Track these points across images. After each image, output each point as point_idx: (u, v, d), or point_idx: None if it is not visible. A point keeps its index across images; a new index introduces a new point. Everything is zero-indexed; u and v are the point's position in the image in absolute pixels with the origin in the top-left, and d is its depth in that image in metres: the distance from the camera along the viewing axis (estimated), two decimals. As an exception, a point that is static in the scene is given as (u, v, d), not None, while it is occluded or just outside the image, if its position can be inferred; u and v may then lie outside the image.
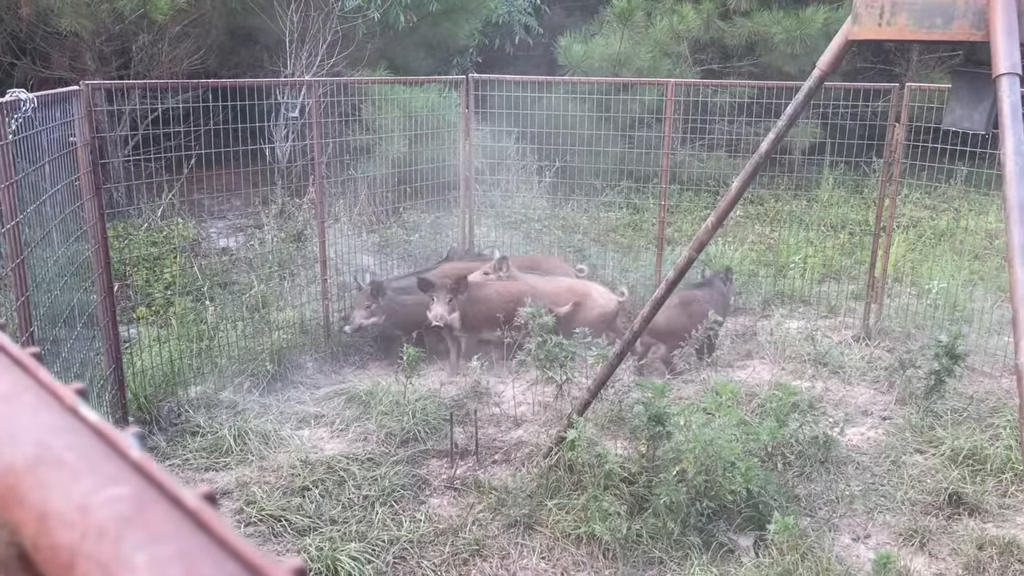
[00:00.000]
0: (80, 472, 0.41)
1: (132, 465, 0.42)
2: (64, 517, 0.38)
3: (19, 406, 0.47)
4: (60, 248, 5.25)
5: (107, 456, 0.43)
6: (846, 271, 9.25)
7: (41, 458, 0.42)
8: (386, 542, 4.50)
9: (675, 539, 4.50)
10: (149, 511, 0.37)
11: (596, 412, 5.71)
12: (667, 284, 4.71)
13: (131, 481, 0.40)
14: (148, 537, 0.35)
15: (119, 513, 0.37)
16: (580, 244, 9.11)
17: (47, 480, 0.41)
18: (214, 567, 0.33)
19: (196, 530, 0.36)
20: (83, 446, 0.43)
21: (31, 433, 0.45)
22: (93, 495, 0.39)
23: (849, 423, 5.70)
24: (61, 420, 0.46)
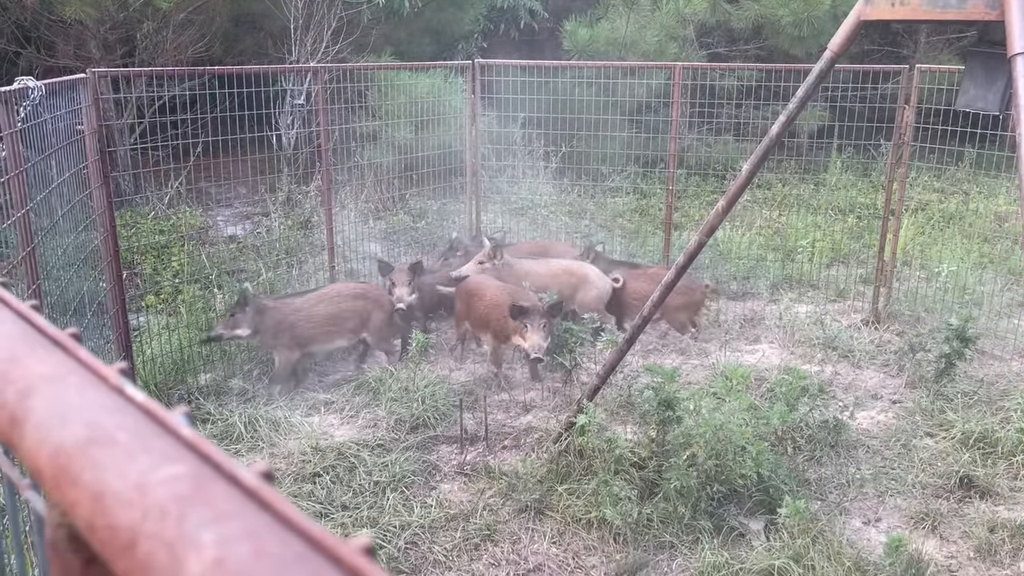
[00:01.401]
0: (134, 451, 0.40)
1: (185, 444, 0.41)
2: (121, 496, 0.37)
3: (65, 387, 0.47)
4: (69, 237, 5.25)
5: (158, 435, 0.42)
6: (854, 255, 9.22)
7: (93, 438, 0.42)
8: (398, 527, 4.52)
9: (686, 523, 4.51)
10: (208, 489, 0.37)
11: (605, 397, 5.71)
12: (676, 269, 4.69)
13: (186, 460, 0.39)
14: (211, 515, 0.35)
15: (178, 492, 0.37)
16: (587, 230, 9.08)
17: (100, 460, 0.40)
18: (281, 545, 0.32)
19: (258, 508, 0.35)
20: (134, 425, 0.43)
21: (80, 413, 0.44)
22: (150, 474, 0.38)
23: (859, 407, 5.69)
24: (109, 400, 0.45)
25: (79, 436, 0.42)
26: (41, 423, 0.45)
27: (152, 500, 0.36)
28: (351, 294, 6.44)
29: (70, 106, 5.17)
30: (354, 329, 6.41)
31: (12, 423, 0.46)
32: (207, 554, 0.32)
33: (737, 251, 8.89)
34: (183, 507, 0.35)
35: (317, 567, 0.31)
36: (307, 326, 6.17)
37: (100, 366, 0.49)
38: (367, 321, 6.42)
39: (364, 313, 6.40)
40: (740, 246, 9.03)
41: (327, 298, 6.35)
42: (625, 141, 9.81)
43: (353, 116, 8.72)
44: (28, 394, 0.47)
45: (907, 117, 7.15)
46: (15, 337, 0.52)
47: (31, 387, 0.47)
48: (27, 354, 0.50)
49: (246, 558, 0.32)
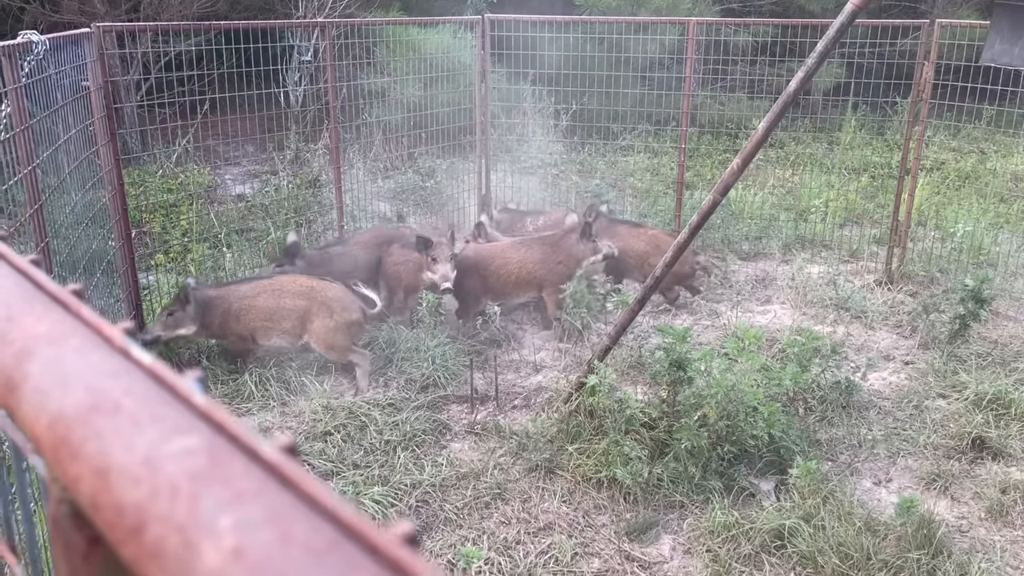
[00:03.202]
0: (141, 420, 0.36)
1: (198, 412, 0.37)
2: (128, 472, 0.33)
3: (65, 348, 0.43)
4: (77, 195, 5.21)
5: (168, 402, 0.38)
6: (868, 215, 9.11)
7: (95, 405, 0.38)
8: (408, 486, 4.53)
9: (696, 483, 4.51)
10: (225, 465, 0.33)
11: (615, 358, 5.69)
12: (690, 228, 4.63)
13: (200, 430, 0.35)
14: (229, 496, 0.31)
15: (192, 467, 0.33)
16: (598, 189, 8.98)
17: (104, 430, 0.36)
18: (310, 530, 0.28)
19: (281, 487, 0.31)
20: (141, 391, 0.39)
21: (82, 378, 0.40)
22: (160, 446, 0.34)
23: (871, 368, 5.66)
24: (113, 363, 0.41)
25: (80, 403, 0.38)
26: (39, 388, 0.41)
27: (162, 477, 0.32)
28: (294, 291, 5.66)
29: (75, 62, 5.10)
30: (291, 331, 5.64)
31: (9, 388, 0.42)
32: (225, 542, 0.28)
33: (749, 211, 8.80)
34: (197, 485, 0.31)
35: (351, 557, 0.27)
36: (247, 317, 5.60)
37: (104, 325, 0.45)
38: (306, 324, 5.61)
39: (303, 315, 5.60)
40: (752, 206, 8.94)
41: (269, 290, 5.68)
42: (636, 99, 9.66)
43: (361, 73, 8.60)
44: (25, 356, 0.43)
45: (926, 74, 7.00)
46: (13, 294, 0.48)
47: (29, 348, 0.43)
48: (25, 312, 0.46)
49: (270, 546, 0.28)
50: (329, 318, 5.56)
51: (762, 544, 4.11)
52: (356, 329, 5.69)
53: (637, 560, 4.11)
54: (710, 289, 7.32)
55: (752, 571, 4.00)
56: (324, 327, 5.56)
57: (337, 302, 5.62)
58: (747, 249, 8.22)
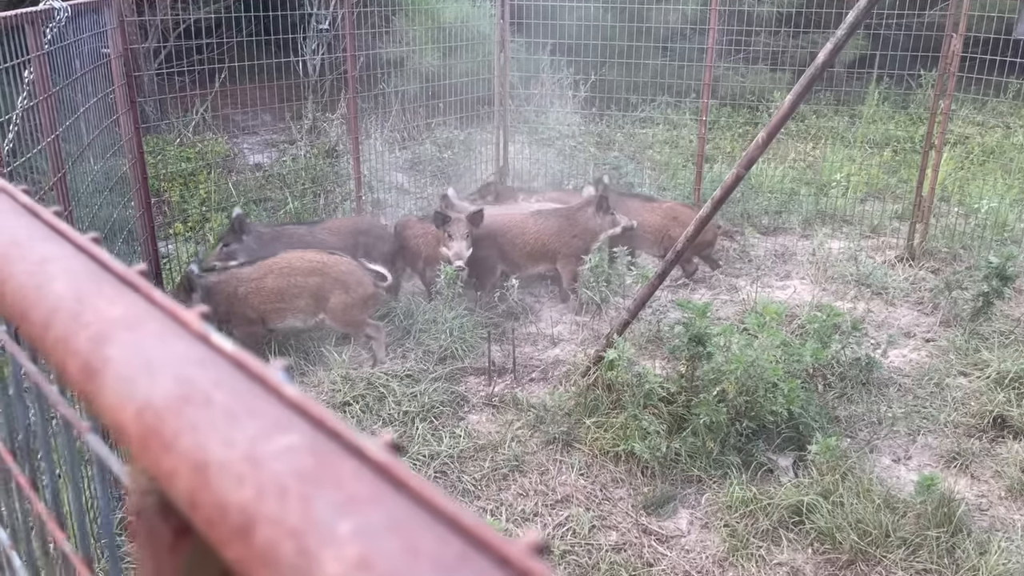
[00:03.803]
0: (236, 414, 0.35)
1: (292, 406, 0.35)
2: (229, 469, 0.32)
3: (144, 334, 0.41)
4: (97, 163, 5.21)
5: (259, 394, 0.36)
6: (890, 190, 8.99)
7: (187, 396, 0.36)
8: (427, 457, 4.56)
9: (714, 458, 4.51)
10: (333, 465, 0.31)
11: (634, 332, 5.67)
12: (713, 202, 4.58)
13: (298, 426, 0.34)
14: (343, 499, 0.29)
15: (299, 467, 0.31)
16: (616, 161, 8.91)
17: (199, 422, 0.35)
18: (437, 541, 0.27)
19: (395, 491, 0.30)
20: (229, 382, 0.37)
21: (167, 366, 0.38)
22: (261, 443, 0.33)
23: (892, 345, 5.62)
24: (195, 350, 0.40)
25: (170, 393, 0.37)
26: (122, 375, 0.39)
27: (267, 475, 0.31)
28: (305, 268, 5.45)
29: (95, 29, 5.07)
30: (305, 309, 5.47)
31: (87, 374, 0.41)
32: (348, 551, 0.27)
33: (769, 185, 8.71)
34: (307, 486, 0.30)
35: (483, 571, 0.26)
36: (257, 300, 5.38)
37: (178, 309, 0.43)
38: (321, 302, 5.46)
39: (317, 292, 5.43)
40: (772, 179, 8.84)
41: (276, 269, 5.44)
42: (657, 70, 9.53)
43: (379, 42, 8.53)
44: (103, 341, 0.41)
45: (954, 46, 6.86)
46: (79, 274, 0.46)
47: (105, 333, 0.42)
48: (95, 294, 0.45)
49: (397, 557, 0.26)
50: (345, 294, 5.42)
51: (780, 520, 4.12)
52: (372, 302, 5.59)
53: (654, 533, 4.12)
54: (729, 263, 7.28)
55: (769, 546, 4.01)
56: (341, 304, 5.42)
57: (351, 276, 5.48)
58: (767, 223, 8.15)
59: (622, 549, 3.99)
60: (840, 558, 3.93)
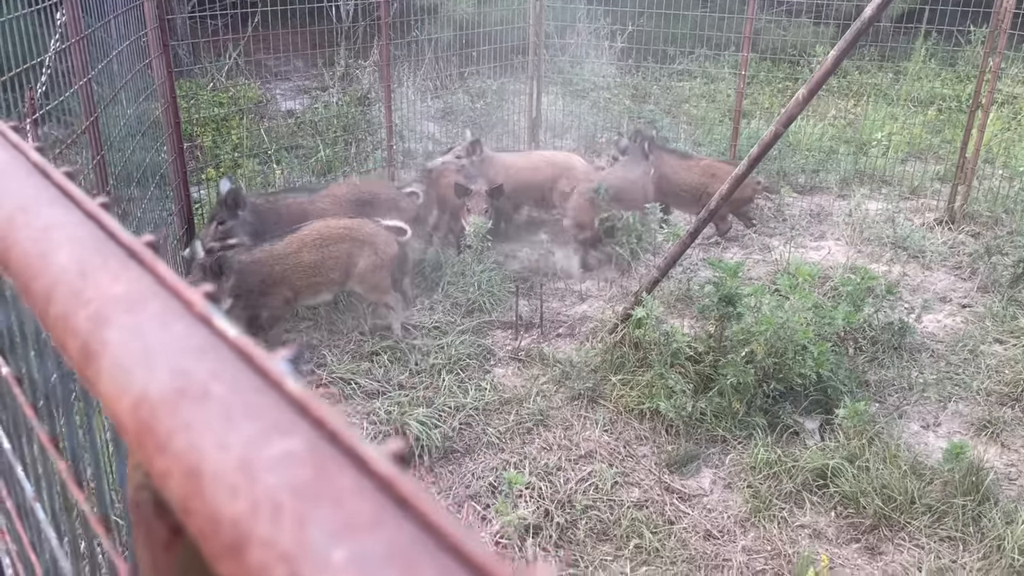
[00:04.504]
0: (234, 412, 0.33)
1: (293, 403, 0.33)
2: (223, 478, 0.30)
3: (144, 315, 0.39)
4: (130, 107, 5.22)
5: (259, 389, 0.34)
6: (932, 150, 8.75)
7: (183, 389, 0.34)
8: (452, 408, 4.59)
9: (740, 419, 4.49)
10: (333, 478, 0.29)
11: (664, 290, 5.62)
12: (750, 160, 4.48)
13: (299, 428, 0.32)
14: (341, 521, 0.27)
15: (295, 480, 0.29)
16: (651, 115, 8.75)
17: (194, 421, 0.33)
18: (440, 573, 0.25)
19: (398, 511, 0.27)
20: (229, 374, 0.35)
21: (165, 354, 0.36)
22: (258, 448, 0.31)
23: (927, 310, 5.51)
24: (196, 335, 0.38)
25: (166, 386, 0.35)
26: (119, 363, 0.37)
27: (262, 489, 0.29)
28: (335, 236, 5.16)
29: (127, -30, 5.03)
30: (338, 280, 5.21)
31: (86, 357, 0.39)
32: None
33: (807, 142, 8.51)
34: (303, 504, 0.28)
35: (488, 614, 0.24)
36: (295, 276, 5.06)
37: (183, 287, 0.41)
38: (350, 268, 5.18)
39: (347, 259, 5.17)
40: (811, 137, 8.64)
41: (309, 242, 5.11)
42: (696, 21, 9.29)
43: (413, -13, 8.39)
44: (103, 322, 0.40)
45: (1007, 1, 6.59)
46: (85, 244, 0.44)
47: (105, 314, 0.40)
48: (99, 267, 0.43)
49: None
50: (375, 255, 5.19)
51: (804, 483, 4.10)
52: (400, 262, 5.41)
53: (677, 492, 4.13)
54: (763, 223, 7.16)
55: (792, 508, 4.01)
56: (370, 266, 5.18)
57: (378, 237, 5.24)
58: (803, 182, 7.99)
59: (644, 506, 4.01)
60: (863, 522, 3.92)
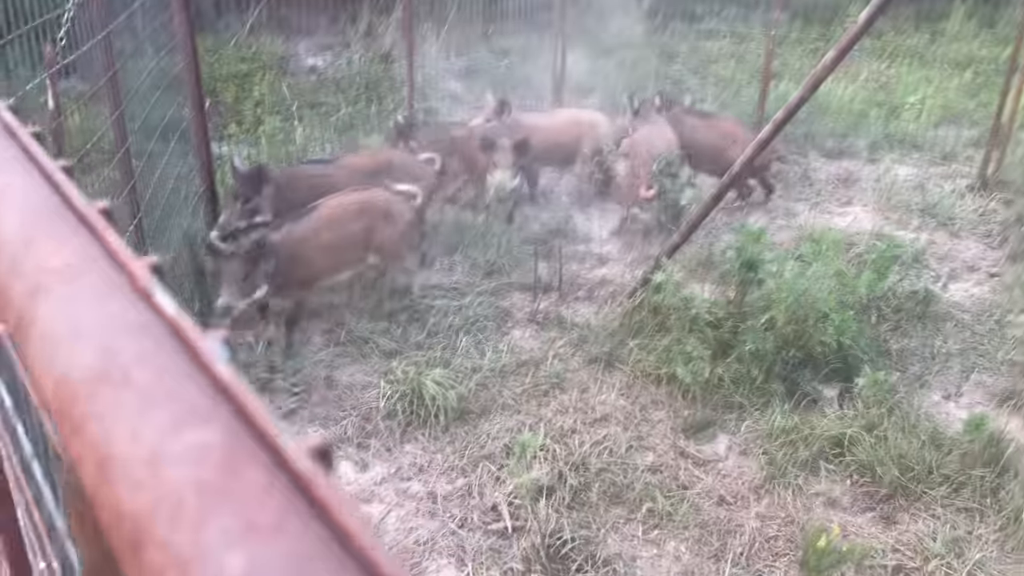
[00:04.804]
0: (152, 397, 0.31)
1: (218, 388, 0.32)
2: (129, 469, 0.28)
3: (80, 288, 0.37)
4: (151, 61, 5.19)
5: (187, 373, 0.32)
6: (967, 115, 8.52)
7: (104, 372, 0.32)
8: (469, 369, 4.59)
9: (757, 385, 4.46)
10: (244, 474, 0.27)
11: (685, 254, 5.55)
12: (774, 124, 4.39)
13: (218, 417, 0.30)
14: (244, 524, 0.25)
15: (202, 475, 0.27)
16: (678, 75, 8.59)
17: (109, 406, 0.31)
18: None
19: (309, 512, 0.26)
20: (156, 355, 0.33)
21: (94, 331, 0.35)
22: (169, 439, 0.29)
23: (953, 278, 5.43)
24: (131, 311, 0.36)
25: (88, 367, 0.33)
26: (47, 339, 0.36)
27: (167, 483, 0.27)
28: (350, 214, 4.91)
29: (147, -78, 4.97)
30: (360, 258, 5.02)
31: (20, 329, 0.38)
32: None
33: (837, 105, 8.32)
34: (206, 502, 0.26)
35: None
36: (320, 257, 4.82)
37: (128, 258, 0.39)
38: (370, 243, 4.97)
39: (366, 234, 4.95)
40: (841, 100, 8.44)
41: (326, 222, 4.85)
42: (726, -22, 9.07)
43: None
44: (36, 294, 0.38)
45: (1053, -40, 6.35)
46: (37, 211, 0.43)
47: (41, 284, 0.38)
48: (46, 236, 0.41)
49: None
50: (394, 226, 5.01)
51: (820, 451, 4.08)
52: (414, 228, 5.23)
53: (691, 457, 4.13)
54: (789, 187, 7.04)
55: (807, 476, 3.99)
56: (391, 237, 5.01)
57: (393, 205, 5.04)
58: (831, 146, 7.82)
59: (658, 470, 4.01)
60: (879, 491, 3.90)
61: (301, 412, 4.32)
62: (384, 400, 4.30)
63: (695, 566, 3.50)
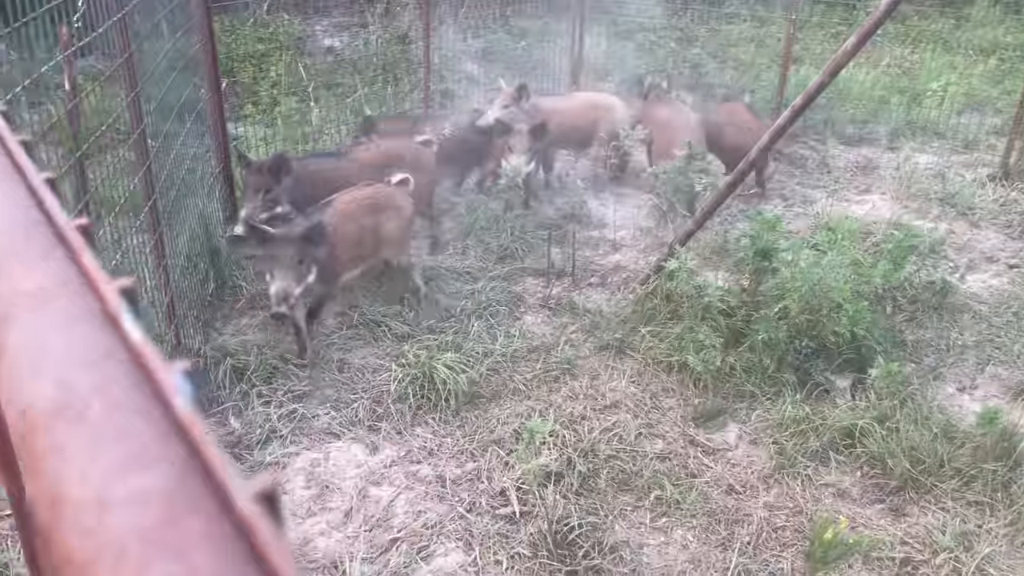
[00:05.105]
0: (104, 436, 0.31)
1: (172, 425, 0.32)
2: (79, 515, 0.28)
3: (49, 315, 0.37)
4: (168, 41, 5.20)
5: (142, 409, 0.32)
6: (991, 102, 8.40)
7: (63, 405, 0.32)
8: (480, 354, 4.60)
9: (769, 375, 4.44)
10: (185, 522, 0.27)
11: (699, 241, 5.53)
12: (792, 111, 4.34)
13: (166, 460, 0.30)
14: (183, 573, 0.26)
15: (143, 523, 0.27)
16: (697, 59, 8.50)
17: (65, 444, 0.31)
18: None
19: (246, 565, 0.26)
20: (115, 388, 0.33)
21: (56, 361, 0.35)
22: (114, 483, 0.29)
23: (971, 269, 5.37)
24: (97, 339, 0.36)
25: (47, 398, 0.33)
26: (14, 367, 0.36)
27: (110, 530, 0.27)
28: (363, 208, 4.80)
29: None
30: (372, 253, 4.90)
31: (-7, 359, 0.38)
32: None
33: (858, 91, 8.22)
34: (148, 551, 0.26)
35: None
36: (343, 251, 4.70)
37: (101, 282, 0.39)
38: (380, 235, 4.87)
39: (376, 228, 4.84)
40: (862, 86, 8.33)
41: (345, 216, 4.72)
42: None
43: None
44: (7, 321, 0.38)
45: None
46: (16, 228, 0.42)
47: (12, 310, 0.38)
48: (20, 255, 0.41)
49: None
50: (400, 218, 4.93)
51: (830, 441, 4.06)
52: (413, 219, 5.17)
53: (701, 445, 4.12)
54: (807, 174, 6.97)
55: (817, 467, 3.98)
56: (398, 229, 4.94)
57: (399, 196, 4.97)
58: (851, 133, 7.74)
59: (667, 458, 4.01)
60: (889, 483, 3.88)
61: (314, 394, 4.35)
62: (395, 383, 4.32)
63: (702, 554, 3.50)
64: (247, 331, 4.80)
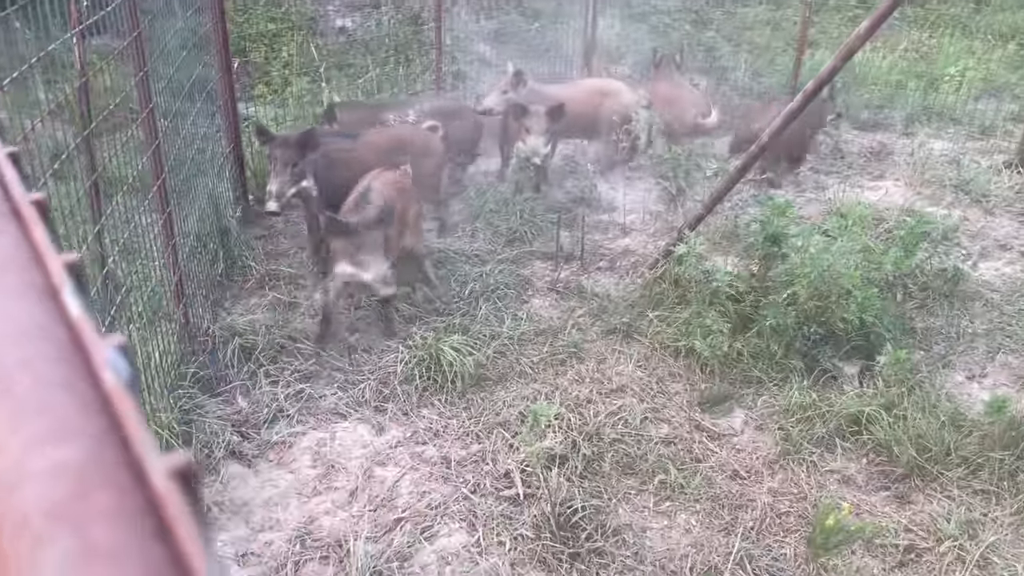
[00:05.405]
0: (26, 409, 0.31)
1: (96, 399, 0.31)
2: None
3: (0, 285, 0.38)
4: (179, 20, 5.19)
5: (68, 382, 0.32)
6: (1009, 88, 8.28)
7: None
8: (487, 336, 4.60)
9: (777, 361, 4.42)
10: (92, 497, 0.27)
11: (709, 226, 5.49)
12: (804, 95, 4.29)
13: (86, 432, 0.30)
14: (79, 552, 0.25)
15: (52, 496, 0.27)
16: (711, 42, 8.42)
17: None
18: None
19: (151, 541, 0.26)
20: (44, 362, 0.33)
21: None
22: (31, 456, 0.29)
23: (984, 257, 5.32)
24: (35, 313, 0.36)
25: None
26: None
27: (18, 503, 0.27)
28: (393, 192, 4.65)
29: None
30: (398, 236, 4.71)
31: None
32: None
33: (874, 75, 8.12)
34: (48, 527, 0.26)
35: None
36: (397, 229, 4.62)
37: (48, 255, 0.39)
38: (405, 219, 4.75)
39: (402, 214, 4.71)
40: (879, 70, 8.24)
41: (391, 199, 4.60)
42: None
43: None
44: (-53, 292, 0.38)
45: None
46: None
47: (-46, 283, 0.39)
48: (-29, 227, 0.41)
49: None
50: (418, 203, 4.91)
51: (837, 428, 4.05)
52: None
53: (706, 431, 4.12)
54: (820, 159, 6.91)
55: (823, 453, 3.97)
56: (417, 214, 4.88)
57: (409, 182, 4.89)
58: (866, 118, 7.66)
59: (672, 442, 4.01)
60: (895, 471, 3.87)
61: (321, 374, 4.37)
62: (402, 365, 4.33)
63: (705, 539, 3.51)
64: (256, 311, 4.82)
